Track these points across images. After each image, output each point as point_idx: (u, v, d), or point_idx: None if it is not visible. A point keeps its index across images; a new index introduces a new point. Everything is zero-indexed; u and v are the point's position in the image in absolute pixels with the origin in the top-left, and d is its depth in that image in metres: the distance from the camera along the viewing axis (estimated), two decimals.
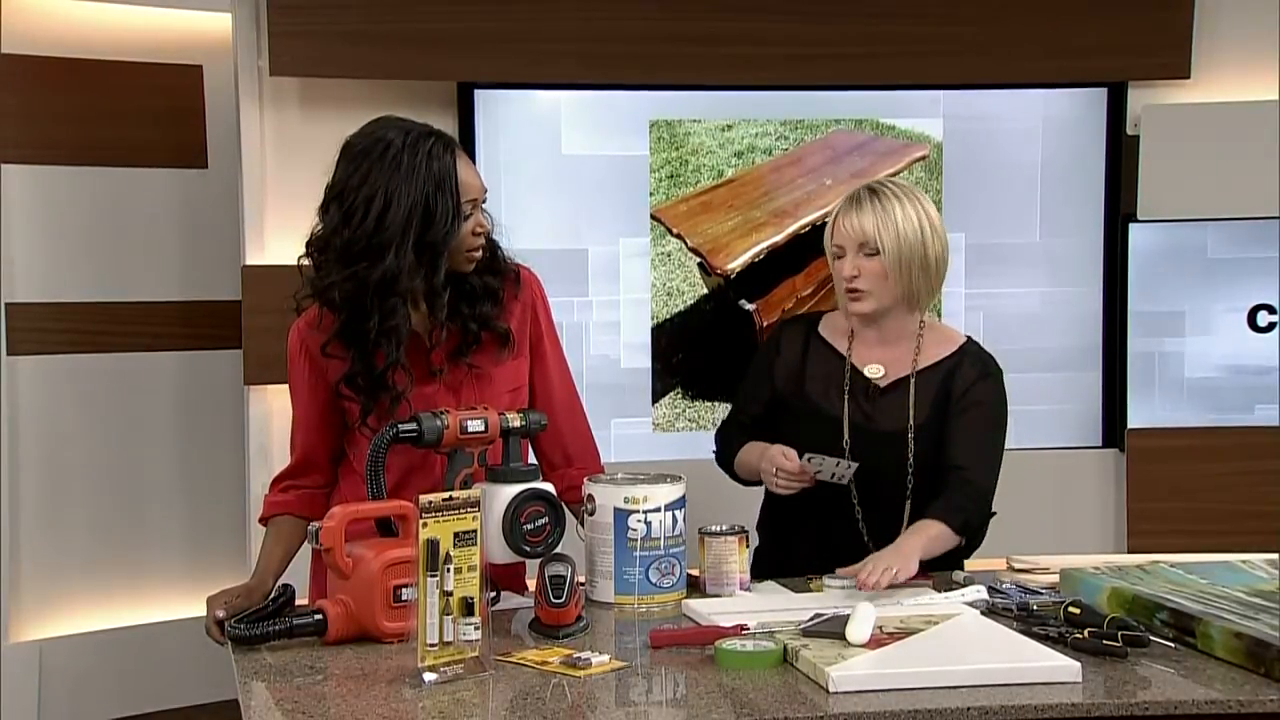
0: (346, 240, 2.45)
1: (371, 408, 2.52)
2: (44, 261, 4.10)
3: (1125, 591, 2.41)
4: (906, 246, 2.73)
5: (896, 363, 2.82)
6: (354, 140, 2.51)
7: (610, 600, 2.52)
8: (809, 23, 4.05)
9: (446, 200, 2.46)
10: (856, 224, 2.74)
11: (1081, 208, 4.23)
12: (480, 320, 2.58)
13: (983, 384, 2.81)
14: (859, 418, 2.80)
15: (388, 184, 2.43)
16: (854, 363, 2.83)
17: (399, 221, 2.43)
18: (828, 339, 2.88)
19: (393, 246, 2.43)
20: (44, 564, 4.09)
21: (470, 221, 2.51)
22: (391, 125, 2.51)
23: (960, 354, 2.83)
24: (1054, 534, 4.11)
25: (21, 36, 4.02)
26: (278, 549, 2.60)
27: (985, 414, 2.80)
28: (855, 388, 2.82)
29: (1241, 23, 4.15)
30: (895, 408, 2.80)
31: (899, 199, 2.75)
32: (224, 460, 4.21)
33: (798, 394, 2.84)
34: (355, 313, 2.47)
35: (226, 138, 4.08)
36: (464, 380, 2.60)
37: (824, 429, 2.79)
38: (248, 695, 2.11)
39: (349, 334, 2.50)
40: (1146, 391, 4.23)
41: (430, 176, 2.45)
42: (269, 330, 3.84)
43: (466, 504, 2.14)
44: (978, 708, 1.98)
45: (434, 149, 2.48)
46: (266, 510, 2.66)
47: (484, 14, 3.91)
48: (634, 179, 4.09)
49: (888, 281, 2.74)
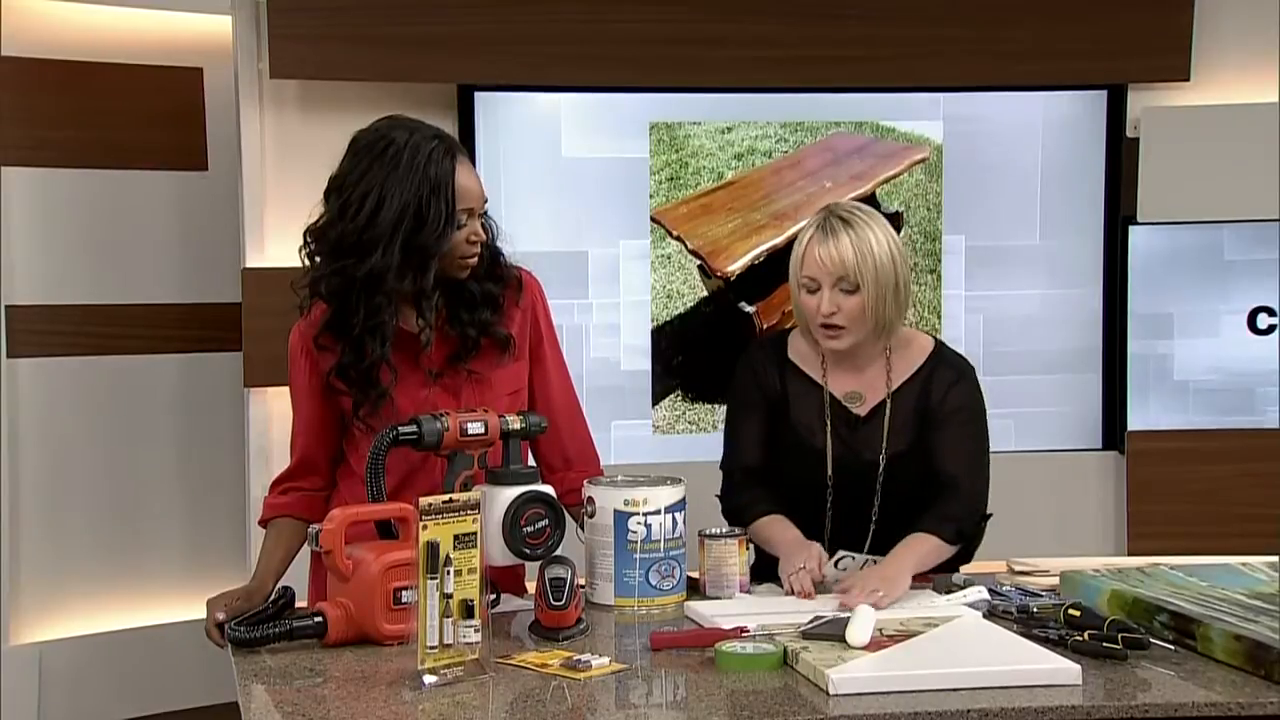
0: (339, 233, 2.46)
1: (363, 401, 2.53)
2: (44, 264, 4.10)
3: (1125, 594, 2.41)
4: (884, 277, 2.66)
5: (871, 386, 2.78)
6: (361, 135, 2.53)
7: (610, 603, 2.52)
8: (809, 25, 4.05)
9: (440, 205, 2.45)
10: (835, 255, 2.64)
11: (1081, 210, 4.24)
12: (479, 327, 2.58)
13: (957, 389, 2.76)
14: (840, 449, 2.76)
15: (384, 182, 2.44)
16: (831, 391, 2.79)
17: (389, 220, 2.43)
18: (799, 364, 2.82)
19: (381, 245, 2.43)
20: (44, 566, 4.08)
21: (465, 230, 2.51)
22: (399, 125, 2.52)
23: (932, 362, 2.78)
24: (1054, 536, 4.11)
25: (22, 39, 4.02)
26: (278, 551, 2.60)
27: (965, 419, 2.76)
28: (838, 417, 2.78)
29: (1241, 25, 4.16)
30: (873, 436, 2.76)
31: (870, 227, 2.67)
32: (224, 463, 4.21)
33: (783, 423, 2.80)
34: (342, 306, 2.49)
35: (227, 140, 4.08)
36: (462, 384, 2.60)
37: (808, 461, 2.76)
38: (247, 697, 2.11)
39: (337, 326, 2.51)
40: (1146, 394, 4.23)
41: (426, 179, 2.45)
42: (269, 333, 3.84)
43: (466, 506, 2.14)
44: (977, 710, 1.98)
45: (435, 152, 2.47)
46: (266, 512, 2.66)
47: (484, 17, 3.91)
48: (634, 181, 4.10)
49: (864, 317, 2.68)
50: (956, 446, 2.74)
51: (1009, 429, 4.19)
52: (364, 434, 2.54)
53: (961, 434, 2.75)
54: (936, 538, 2.63)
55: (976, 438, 2.78)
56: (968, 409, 2.77)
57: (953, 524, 2.67)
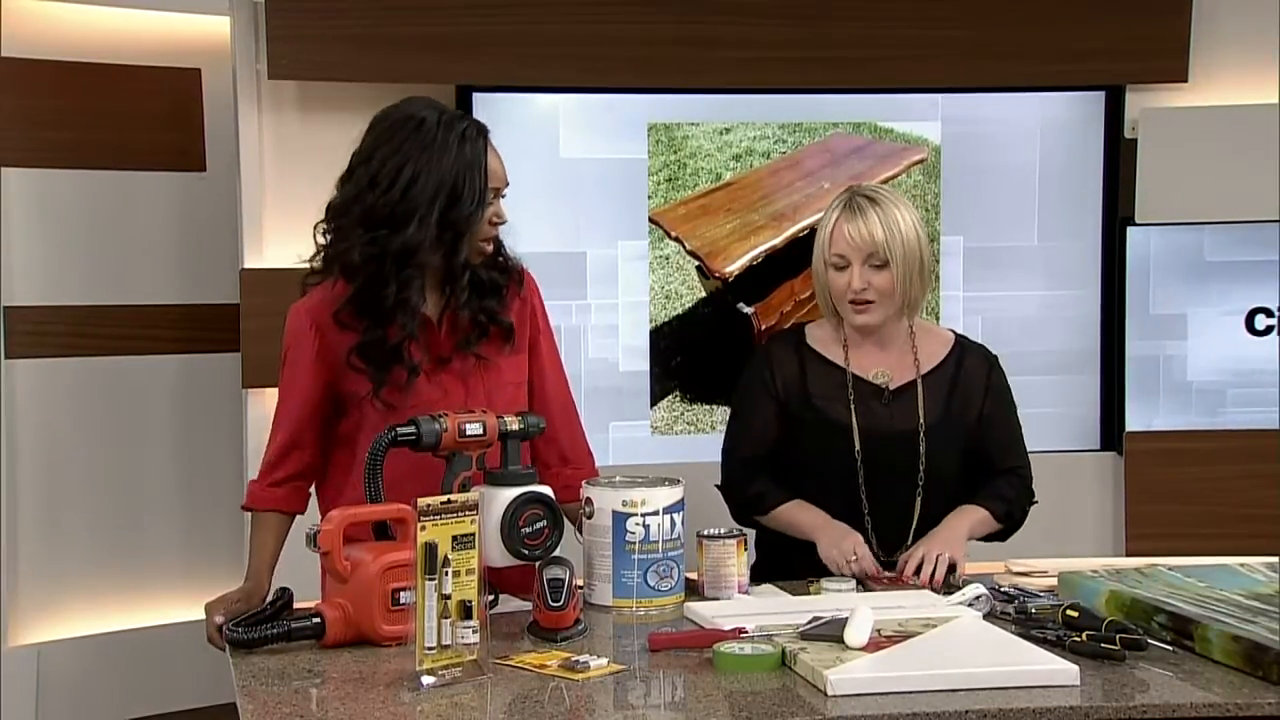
0: (369, 206, 2.49)
1: (384, 380, 2.52)
2: (43, 264, 4.10)
3: (1123, 595, 2.41)
4: (911, 253, 2.74)
5: (897, 367, 2.82)
6: (386, 113, 2.57)
7: (608, 603, 2.52)
8: (807, 26, 4.05)
9: (474, 183, 2.50)
10: (865, 232, 2.71)
11: (1079, 211, 4.23)
12: (488, 313, 2.60)
13: (996, 372, 2.87)
14: (870, 421, 2.79)
15: (419, 157, 2.48)
16: (855, 372, 2.82)
17: (426, 195, 2.47)
18: (819, 350, 2.86)
19: (416, 217, 2.47)
20: (42, 567, 4.09)
21: (490, 209, 2.56)
22: (425, 104, 2.57)
23: (959, 350, 2.87)
24: (1052, 537, 4.07)
25: (21, 40, 4.03)
26: (268, 544, 2.58)
27: (1007, 404, 2.87)
28: (862, 393, 2.80)
29: (1239, 26, 4.15)
30: (907, 410, 2.80)
31: (896, 206, 2.75)
32: (222, 464, 4.21)
33: (805, 406, 2.82)
34: (372, 279, 2.50)
35: (225, 141, 4.08)
36: (470, 369, 2.60)
37: (833, 438, 2.78)
38: (246, 699, 2.11)
39: (362, 302, 2.51)
40: (1145, 395, 4.23)
41: (461, 157, 2.50)
42: (267, 333, 3.82)
43: (464, 507, 2.14)
44: (976, 710, 1.98)
45: (467, 131, 2.53)
46: (254, 502, 2.62)
47: (482, 17, 3.91)
48: (632, 182, 4.09)
49: (895, 293, 2.74)
50: (1010, 436, 2.85)
51: None
52: (381, 413, 2.53)
53: (1011, 422, 2.86)
54: (987, 511, 2.69)
55: (1017, 422, 2.89)
56: (1008, 394, 2.88)
57: (1005, 504, 2.77)
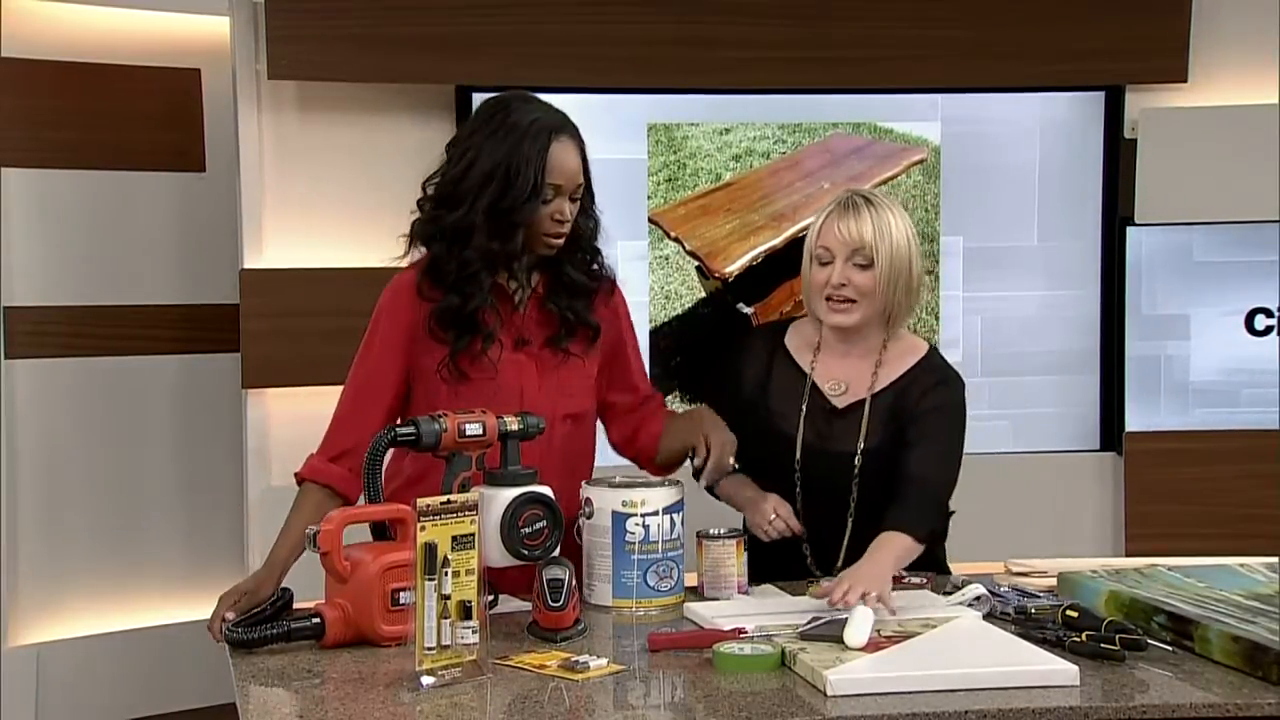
0: (439, 183, 2.60)
1: (463, 345, 2.56)
2: (43, 265, 4.10)
3: (1123, 595, 2.41)
4: (899, 259, 2.68)
5: (857, 380, 2.77)
6: (489, 99, 2.66)
7: (608, 604, 2.52)
8: (807, 26, 4.05)
9: (528, 174, 2.53)
10: (854, 229, 2.68)
11: (1079, 211, 4.24)
12: (575, 313, 2.66)
13: (935, 392, 2.74)
14: (812, 437, 2.76)
15: (483, 144, 2.56)
16: (815, 380, 2.79)
17: (477, 179, 2.54)
18: (792, 352, 2.83)
19: (468, 200, 2.54)
20: (42, 568, 4.09)
21: (551, 206, 2.57)
22: (524, 98, 2.64)
23: (918, 368, 2.78)
24: (1052, 537, 4.11)
25: (21, 40, 4.03)
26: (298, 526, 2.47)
27: (937, 418, 2.73)
28: (814, 406, 2.78)
29: (1239, 27, 4.16)
30: (848, 430, 2.75)
31: (891, 211, 2.71)
32: (222, 464, 4.21)
33: (760, 406, 2.80)
34: (439, 254, 2.58)
35: (225, 141, 4.09)
36: (548, 360, 2.64)
37: (778, 447, 2.76)
38: (245, 699, 2.11)
39: (435, 272, 2.59)
40: (1144, 395, 4.23)
41: (518, 148, 2.54)
42: (267, 334, 3.85)
43: (464, 507, 2.14)
44: (975, 711, 1.98)
45: (535, 125, 2.56)
46: (313, 474, 2.56)
47: (482, 17, 3.91)
48: (632, 182, 4.09)
49: (874, 295, 2.70)
50: (924, 443, 2.70)
51: (1007, 430, 4.19)
52: (452, 383, 2.56)
53: (932, 432, 2.71)
54: (910, 537, 2.57)
55: (948, 437, 2.74)
56: (943, 409, 2.74)
57: (925, 526, 2.62)
